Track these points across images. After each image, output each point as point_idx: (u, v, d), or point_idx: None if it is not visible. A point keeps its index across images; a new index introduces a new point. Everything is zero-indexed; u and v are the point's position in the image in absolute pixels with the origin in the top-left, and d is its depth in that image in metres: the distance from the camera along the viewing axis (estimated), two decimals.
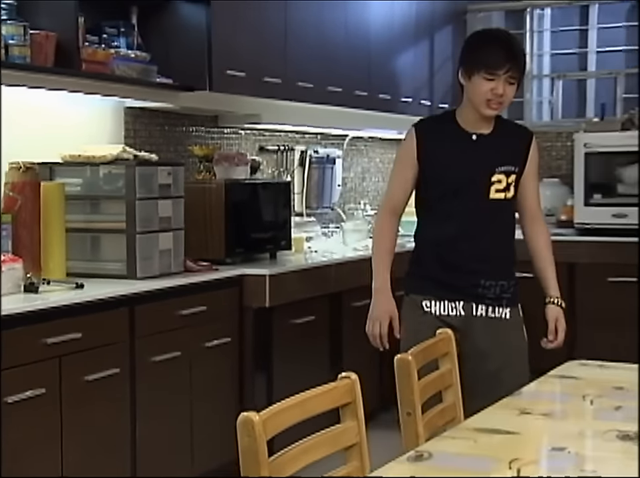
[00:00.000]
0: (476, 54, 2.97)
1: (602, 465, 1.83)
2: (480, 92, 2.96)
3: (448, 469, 1.79)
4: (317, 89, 4.83)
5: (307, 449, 1.92)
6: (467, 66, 3.00)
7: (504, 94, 2.96)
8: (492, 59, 2.93)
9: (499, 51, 2.94)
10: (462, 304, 3.06)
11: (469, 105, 3.04)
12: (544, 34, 6.84)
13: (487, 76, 2.93)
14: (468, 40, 3.12)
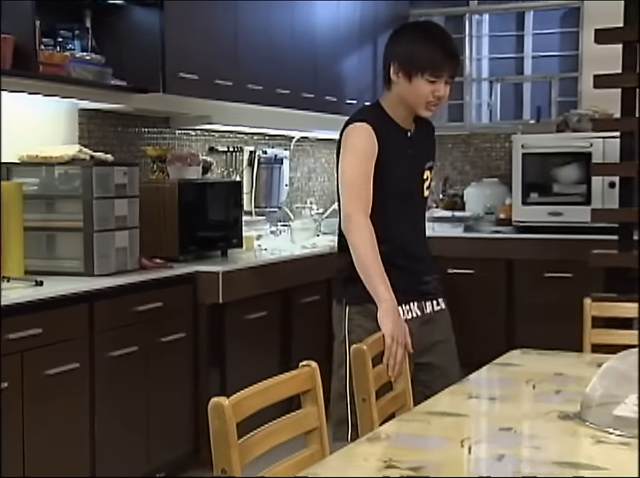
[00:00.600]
0: (419, 56, 2.82)
1: (545, 441, 1.96)
2: (421, 94, 2.83)
3: (405, 448, 1.91)
4: (266, 91, 4.93)
5: (272, 433, 2.02)
6: (407, 67, 2.84)
7: (444, 95, 2.87)
8: (437, 62, 2.82)
9: (443, 52, 2.83)
10: (416, 305, 2.94)
11: (401, 102, 2.89)
12: (482, 39, 6.99)
13: (431, 79, 2.82)
14: (405, 37, 2.92)
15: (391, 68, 2.87)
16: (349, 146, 2.85)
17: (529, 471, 1.78)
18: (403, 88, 2.86)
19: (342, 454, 1.91)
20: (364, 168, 2.83)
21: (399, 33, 2.96)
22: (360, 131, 2.84)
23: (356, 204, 2.80)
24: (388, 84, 2.91)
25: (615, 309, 3.24)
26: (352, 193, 2.82)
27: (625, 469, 1.78)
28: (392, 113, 2.91)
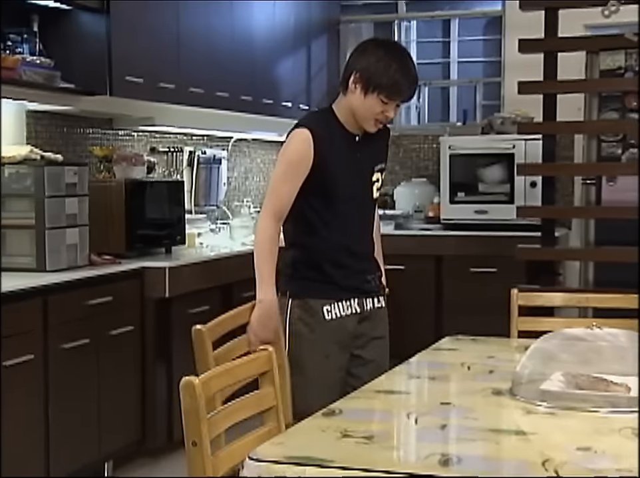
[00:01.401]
0: (380, 76, 2.88)
1: (481, 413, 2.17)
2: (372, 111, 2.92)
3: (357, 421, 2.10)
4: (207, 94, 5.08)
5: (235, 410, 2.19)
6: (366, 82, 2.90)
7: (392, 117, 2.98)
8: (395, 87, 2.88)
9: (403, 79, 2.89)
10: (356, 301, 3.05)
11: (349, 109, 2.97)
12: (411, 44, 7.23)
13: (385, 100, 2.89)
14: (373, 52, 2.95)
15: (352, 76, 2.93)
16: (283, 153, 2.97)
17: (469, 437, 1.99)
18: (356, 99, 2.93)
19: (301, 427, 2.09)
20: (289, 177, 2.92)
21: (369, 47, 2.99)
22: (297, 139, 2.93)
23: (270, 209, 2.93)
24: (344, 89, 2.97)
25: (540, 298, 3.49)
26: (271, 198, 2.95)
27: (550, 434, 2.01)
28: (342, 117, 2.99)
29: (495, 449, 1.93)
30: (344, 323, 3.04)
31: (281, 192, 2.94)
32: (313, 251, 3.03)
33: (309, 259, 3.04)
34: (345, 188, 3.00)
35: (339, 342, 3.03)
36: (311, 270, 3.04)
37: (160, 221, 4.66)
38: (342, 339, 3.04)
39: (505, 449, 1.94)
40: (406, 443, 1.99)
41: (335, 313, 3.02)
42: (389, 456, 1.87)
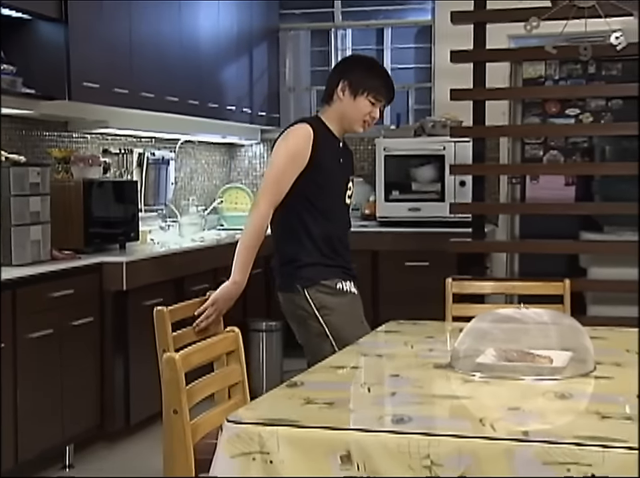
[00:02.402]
0: (368, 80, 3.23)
1: (425, 383, 2.44)
2: (361, 112, 3.23)
3: (318, 390, 2.35)
4: (157, 98, 5.28)
5: (207, 384, 2.43)
6: (356, 86, 3.22)
7: (376, 118, 3.30)
8: (382, 89, 3.26)
9: (387, 84, 3.29)
10: (353, 283, 3.33)
11: (339, 117, 3.27)
12: (346, 52, 7.46)
13: (373, 101, 3.23)
14: (358, 64, 3.33)
15: (339, 85, 3.23)
16: (285, 144, 3.18)
17: (416, 401, 2.25)
18: (346, 103, 3.23)
19: (268, 396, 2.33)
20: (289, 169, 3.14)
21: (353, 61, 3.42)
22: (300, 133, 3.18)
23: (269, 197, 3.13)
24: (329, 100, 3.28)
25: (471, 287, 3.79)
26: (271, 187, 3.15)
27: (485, 398, 2.29)
28: (329, 125, 3.27)
29: (439, 410, 2.20)
30: (357, 297, 3.33)
31: (281, 181, 3.14)
32: (312, 242, 3.23)
33: (309, 250, 3.23)
34: (335, 184, 3.28)
35: (360, 315, 3.32)
36: (313, 258, 3.24)
37: (115, 219, 4.84)
38: (360, 311, 3.33)
39: (448, 410, 2.21)
40: (362, 407, 2.24)
41: (348, 288, 3.28)
42: (348, 417, 2.12)
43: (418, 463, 1.93)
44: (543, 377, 2.42)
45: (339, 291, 3.25)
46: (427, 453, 1.92)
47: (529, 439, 1.91)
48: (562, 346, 2.59)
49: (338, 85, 3.24)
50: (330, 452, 1.98)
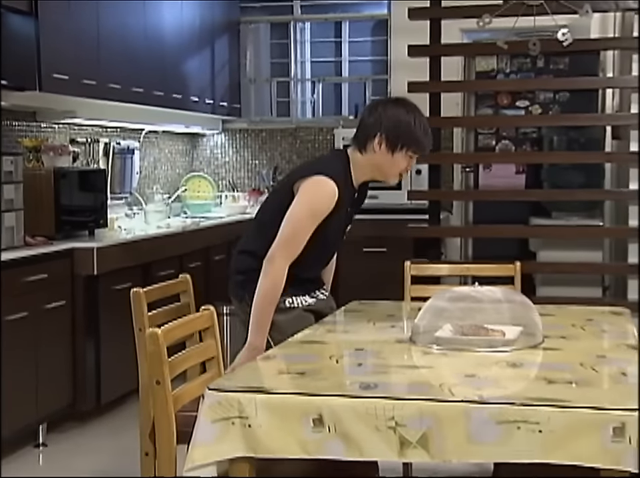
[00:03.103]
0: (406, 134, 3.01)
1: (388, 355, 2.62)
2: (398, 167, 3.05)
3: (290, 362, 2.52)
4: (124, 89, 5.39)
5: (187, 357, 2.58)
6: (393, 141, 3.01)
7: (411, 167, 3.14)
8: (421, 142, 3.05)
9: (426, 134, 3.06)
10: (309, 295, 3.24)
11: (372, 168, 3.09)
12: (305, 44, 7.63)
13: (411, 155, 3.05)
14: (393, 112, 3.05)
15: (375, 138, 3.02)
16: (309, 199, 2.99)
17: (381, 371, 2.43)
18: (382, 158, 3.04)
19: (244, 368, 2.50)
20: (310, 227, 2.99)
21: (387, 108, 3.07)
22: (327, 193, 2.98)
23: (286, 252, 2.97)
24: (362, 149, 3.07)
25: (429, 269, 3.98)
26: (289, 242, 2.98)
27: (443, 368, 2.49)
28: (354, 173, 3.11)
29: (402, 378, 2.39)
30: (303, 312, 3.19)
31: (302, 240, 2.99)
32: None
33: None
34: (331, 238, 3.15)
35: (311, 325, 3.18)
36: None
37: (84, 206, 4.96)
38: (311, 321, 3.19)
39: (410, 378, 2.39)
40: (332, 376, 2.41)
41: (299, 303, 3.16)
42: (320, 384, 2.29)
43: (384, 424, 2.10)
44: (496, 349, 2.61)
45: (286, 308, 3.11)
46: (392, 415, 2.10)
47: (484, 401, 2.09)
48: (513, 321, 2.78)
49: (375, 138, 3.03)
50: (304, 416, 2.15)
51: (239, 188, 7.29)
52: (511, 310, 2.81)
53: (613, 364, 2.51)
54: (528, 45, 4.24)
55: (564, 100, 5.22)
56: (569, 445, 2.01)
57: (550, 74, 5.15)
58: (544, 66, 5.16)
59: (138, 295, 3.03)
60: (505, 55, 5.04)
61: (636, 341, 2.77)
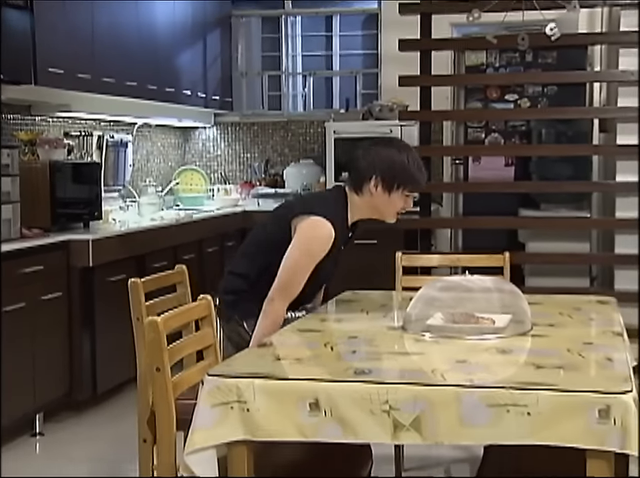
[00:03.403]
0: (401, 174, 3.08)
1: (382, 342, 2.69)
2: (396, 207, 3.13)
3: (287, 350, 2.59)
4: (118, 83, 5.45)
5: (185, 345, 2.65)
6: (389, 182, 3.07)
7: (410, 206, 3.20)
8: (416, 181, 3.12)
9: (420, 173, 3.14)
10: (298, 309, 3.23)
11: (369, 209, 3.17)
12: (296, 38, 7.69)
13: (407, 194, 3.12)
14: (386, 154, 3.11)
15: (371, 180, 3.08)
16: (307, 242, 3.04)
17: (375, 358, 2.50)
18: (379, 199, 3.11)
19: (242, 355, 2.56)
20: (307, 270, 3.05)
21: (378, 149, 3.14)
22: (326, 235, 3.04)
23: (285, 294, 3.03)
24: (359, 189, 3.12)
25: (420, 260, 4.06)
26: (288, 285, 3.04)
27: (435, 354, 2.55)
28: (351, 213, 3.18)
29: (395, 364, 2.46)
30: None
31: (300, 281, 3.05)
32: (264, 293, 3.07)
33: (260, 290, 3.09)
34: (323, 274, 3.18)
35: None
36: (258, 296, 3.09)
37: (79, 198, 5.01)
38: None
39: (403, 364, 2.47)
40: (327, 362, 2.48)
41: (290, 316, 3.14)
42: (316, 370, 2.36)
43: (379, 408, 2.17)
44: (486, 336, 2.69)
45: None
46: (386, 399, 2.17)
47: (475, 385, 2.17)
48: (503, 309, 2.85)
49: (371, 180, 3.09)
50: (300, 400, 2.22)
51: (231, 181, 7.35)
52: (500, 299, 2.89)
53: (599, 350, 2.58)
54: (517, 40, 4.30)
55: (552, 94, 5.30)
56: (556, 426, 2.09)
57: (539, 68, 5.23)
58: (533, 60, 5.24)
59: (135, 285, 3.10)
60: (495, 49, 5.12)
61: (622, 328, 2.84)
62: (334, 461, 2.63)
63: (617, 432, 2.05)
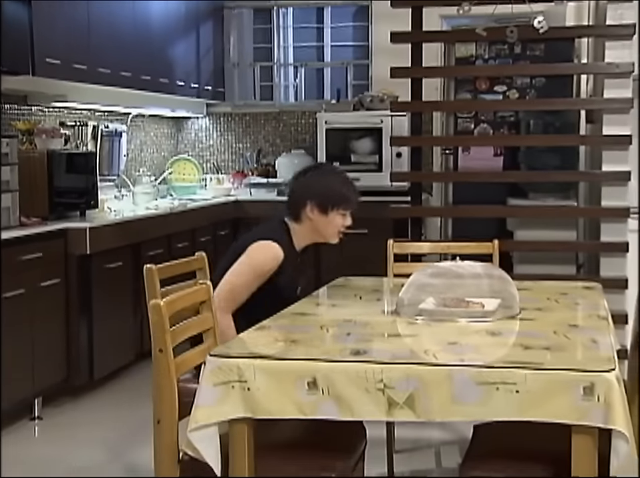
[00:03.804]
0: (334, 195, 3.27)
1: (376, 325, 2.79)
2: (336, 225, 3.31)
3: (284, 332, 2.68)
4: (113, 74, 5.53)
5: (187, 327, 2.73)
6: (324, 204, 3.26)
7: (349, 224, 3.38)
8: (349, 199, 3.32)
9: (351, 191, 3.34)
10: None
11: (311, 234, 3.35)
12: (288, 29, 7.76)
13: (344, 212, 3.31)
14: (317, 179, 3.33)
15: (307, 206, 3.27)
16: (251, 259, 3.21)
17: (369, 339, 2.60)
18: (318, 222, 3.30)
19: (241, 338, 2.66)
20: (250, 283, 3.20)
21: (307, 176, 3.36)
22: (271, 254, 3.22)
23: (226, 305, 3.16)
24: (297, 218, 3.32)
25: (411, 247, 4.16)
26: (229, 295, 3.18)
27: (427, 336, 2.66)
28: (296, 241, 3.35)
29: (389, 345, 2.56)
30: None
31: (240, 294, 3.20)
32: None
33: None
34: (285, 294, 3.27)
35: None
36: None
37: (76, 188, 5.09)
38: None
39: (396, 345, 2.57)
40: (324, 343, 2.58)
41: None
42: (313, 351, 2.46)
43: (374, 386, 2.27)
44: (476, 319, 2.79)
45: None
46: (381, 378, 2.27)
47: (466, 365, 2.27)
48: (492, 294, 2.95)
49: (306, 206, 3.28)
50: (299, 379, 2.31)
51: (223, 171, 7.43)
52: (490, 284, 2.99)
53: (584, 333, 2.69)
54: (506, 32, 4.39)
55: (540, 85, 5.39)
56: (543, 403, 2.19)
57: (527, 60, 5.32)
58: (521, 52, 5.33)
59: (150, 271, 3.12)
60: (484, 42, 5.21)
61: (607, 312, 2.95)
62: (330, 439, 2.73)
63: (601, 408, 2.15)
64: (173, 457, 2.55)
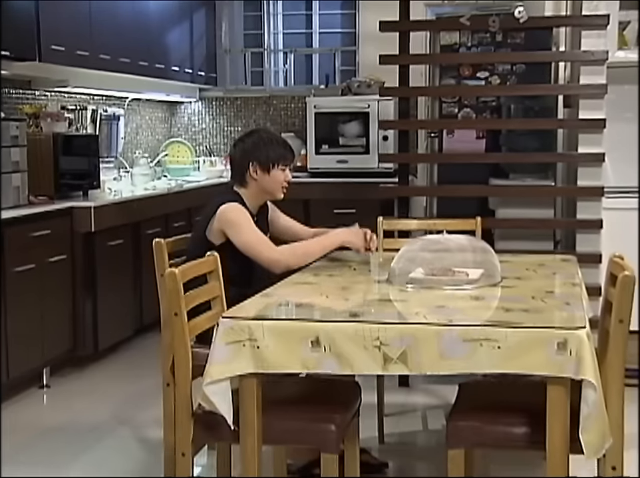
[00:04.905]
0: (272, 153, 3.52)
1: (370, 292, 3.04)
2: (278, 181, 3.55)
3: (287, 298, 2.93)
4: (112, 60, 5.73)
5: (197, 294, 2.96)
6: (265, 163, 3.50)
7: (291, 179, 3.62)
8: (286, 154, 3.57)
9: (286, 148, 3.59)
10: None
11: (259, 194, 3.56)
12: (278, 16, 7.96)
13: (283, 167, 3.55)
14: (255, 142, 3.54)
15: (249, 168, 3.51)
16: (236, 220, 3.42)
17: (366, 304, 2.85)
18: (263, 181, 3.53)
19: (247, 303, 2.89)
20: (253, 226, 3.45)
21: (243, 141, 3.57)
22: (240, 209, 3.46)
23: (267, 246, 3.42)
24: (243, 182, 3.55)
25: (399, 224, 4.40)
26: (263, 246, 3.42)
27: (417, 301, 2.89)
28: (249, 204, 3.54)
29: (384, 308, 2.81)
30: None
31: (258, 235, 3.43)
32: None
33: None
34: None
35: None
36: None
37: (79, 169, 5.30)
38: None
39: (388, 307, 2.82)
40: (324, 307, 2.82)
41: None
42: (315, 313, 2.70)
43: (371, 344, 2.52)
44: (461, 287, 3.03)
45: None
46: (377, 336, 2.51)
47: (453, 324, 2.51)
48: (476, 265, 3.19)
49: (249, 169, 3.51)
50: (303, 338, 2.55)
51: (215, 153, 7.64)
52: (474, 255, 3.22)
53: (559, 297, 2.95)
54: (488, 22, 4.64)
55: (520, 72, 5.61)
56: (522, 357, 2.44)
57: (508, 48, 5.53)
58: (502, 41, 5.55)
59: (159, 245, 3.36)
60: (468, 30, 5.44)
61: (580, 281, 3.20)
62: (329, 397, 2.98)
63: (573, 361, 2.41)
64: (188, 412, 2.79)
